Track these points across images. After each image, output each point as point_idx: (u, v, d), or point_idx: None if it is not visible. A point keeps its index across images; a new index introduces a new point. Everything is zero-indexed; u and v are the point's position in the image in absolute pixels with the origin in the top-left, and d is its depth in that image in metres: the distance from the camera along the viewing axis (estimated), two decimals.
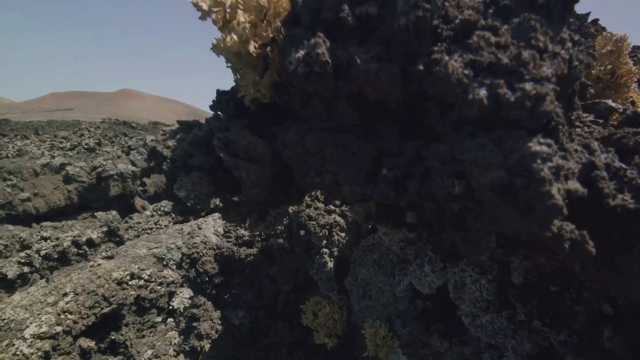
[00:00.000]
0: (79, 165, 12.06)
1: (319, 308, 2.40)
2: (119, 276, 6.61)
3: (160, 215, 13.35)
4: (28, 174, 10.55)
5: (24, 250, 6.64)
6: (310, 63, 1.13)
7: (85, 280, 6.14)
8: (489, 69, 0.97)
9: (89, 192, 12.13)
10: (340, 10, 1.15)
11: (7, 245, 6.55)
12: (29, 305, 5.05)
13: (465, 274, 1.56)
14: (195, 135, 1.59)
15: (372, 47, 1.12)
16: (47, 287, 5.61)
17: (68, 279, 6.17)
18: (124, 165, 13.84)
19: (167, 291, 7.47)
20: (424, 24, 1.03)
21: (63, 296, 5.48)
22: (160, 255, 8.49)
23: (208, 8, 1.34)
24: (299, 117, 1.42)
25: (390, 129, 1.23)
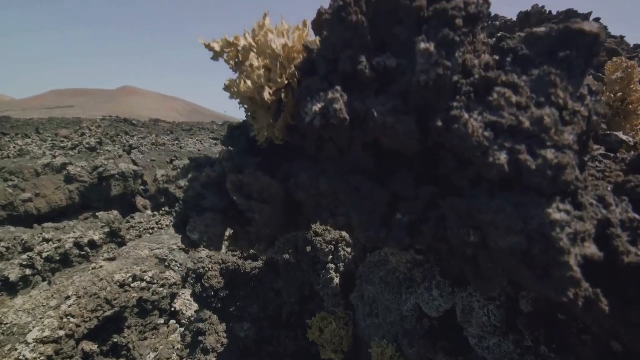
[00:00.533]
0: (81, 165, 12.02)
1: (325, 324, 2.38)
2: (121, 278, 6.59)
3: (162, 215, 13.31)
4: (29, 175, 10.52)
5: (26, 252, 6.62)
6: (328, 117, 1.10)
7: (87, 283, 6.12)
8: (510, 132, 0.95)
9: (90, 192, 12.10)
10: (358, 63, 1.11)
11: (9, 248, 6.53)
12: (31, 309, 5.04)
13: (473, 298, 1.54)
14: (207, 176, 1.56)
15: (389, 99, 1.09)
16: (50, 291, 5.60)
17: (70, 281, 6.15)
18: (126, 164, 13.80)
19: (169, 293, 7.46)
20: (444, 81, 1.00)
21: (65, 299, 5.46)
22: (162, 257, 8.48)
23: (220, 49, 1.31)
24: (312, 158, 1.39)
25: (404, 173, 1.21)
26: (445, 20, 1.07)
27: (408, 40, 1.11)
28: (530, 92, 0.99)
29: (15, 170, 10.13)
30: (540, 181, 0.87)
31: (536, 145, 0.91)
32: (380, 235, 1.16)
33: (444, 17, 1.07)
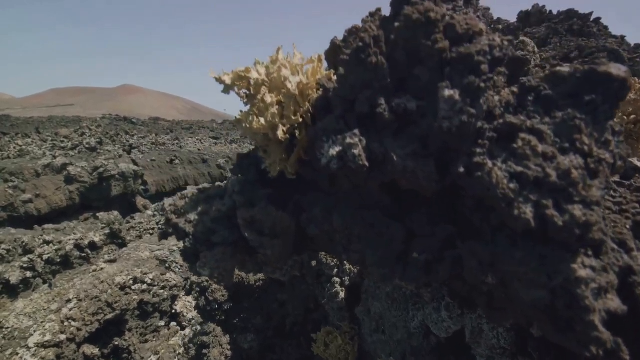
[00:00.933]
0: (81, 165, 11.99)
1: (330, 339, 2.37)
2: (122, 281, 6.58)
3: (162, 215, 13.28)
4: (30, 175, 10.48)
5: (27, 254, 6.60)
6: (345, 161, 1.06)
7: (88, 286, 6.10)
8: (536, 184, 0.91)
9: (90, 193, 12.07)
10: (377, 105, 1.08)
11: (10, 250, 6.50)
12: (32, 313, 5.02)
13: (482, 320, 1.52)
14: (218, 210, 1.53)
15: (409, 142, 1.06)
16: (51, 294, 5.58)
17: (71, 284, 6.14)
18: (126, 164, 13.77)
19: (169, 295, 7.45)
20: (468, 128, 0.97)
21: (66, 303, 5.44)
22: (163, 258, 8.46)
23: (231, 82, 1.29)
24: (325, 190, 1.35)
25: (421, 210, 1.18)
26: (471, 65, 1.03)
27: (430, 83, 1.08)
28: (554, 137, 0.96)
29: (16, 171, 10.10)
30: (567, 237, 0.84)
31: (563, 200, 0.88)
32: (396, 274, 1.13)
33: (469, 62, 1.04)
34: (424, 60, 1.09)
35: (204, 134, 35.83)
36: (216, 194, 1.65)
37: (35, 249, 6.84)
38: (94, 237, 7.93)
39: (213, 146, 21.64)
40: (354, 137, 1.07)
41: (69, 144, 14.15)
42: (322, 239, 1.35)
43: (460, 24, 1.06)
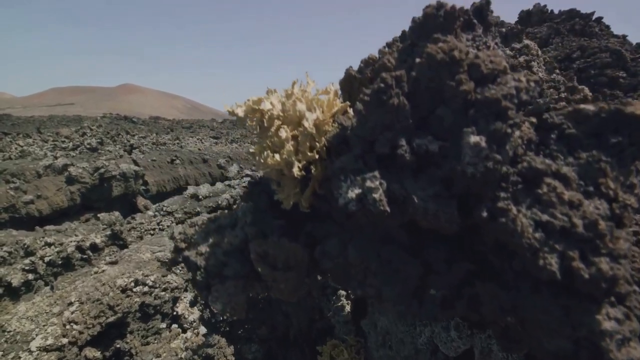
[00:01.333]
0: (82, 166, 11.97)
1: (336, 353, 2.35)
2: (124, 283, 6.56)
3: (163, 216, 13.29)
4: (31, 176, 10.47)
5: (28, 256, 6.59)
6: (365, 204, 1.04)
7: (89, 288, 6.09)
8: (562, 233, 0.88)
9: (91, 193, 12.07)
10: (398, 146, 1.05)
11: (11, 252, 6.49)
12: (34, 317, 5.01)
13: (492, 340, 1.49)
14: (229, 243, 1.51)
15: (430, 183, 1.03)
16: (52, 297, 5.57)
17: (73, 287, 6.13)
18: (127, 165, 13.76)
19: (171, 297, 7.43)
20: (493, 174, 0.94)
21: (68, 306, 5.43)
22: (164, 259, 8.45)
23: (244, 114, 1.28)
24: (340, 222, 1.33)
25: (438, 246, 1.15)
26: (497, 110, 1.00)
27: (453, 124, 1.05)
28: (579, 179, 0.93)
29: (17, 172, 10.08)
30: (593, 290, 0.82)
31: (590, 252, 0.85)
32: (412, 310, 1.11)
33: (496, 107, 1.01)
34: (447, 100, 1.07)
35: (204, 133, 35.80)
36: (227, 224, 1.62)
37: (37, 250, 6.83)
38: (95, 238, 7.92)
39: (213, 146, 21.62)
40: (375, 180, 1.04)
41: (70, 144, 14.13)
42: (336, 272, 1.33)
43: (485, 63, 1.03)
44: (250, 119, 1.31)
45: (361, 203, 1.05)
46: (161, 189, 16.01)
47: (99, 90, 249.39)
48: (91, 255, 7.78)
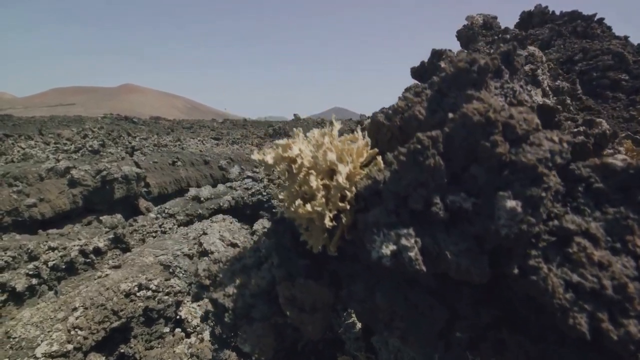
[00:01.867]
0: (84, 168, 11.99)
1: None
2: (127, 288, 6.58)
3: (165, 218, 13.31)
4: (33, 179, 10.49)
5: (32, 261, 6.60)
6: (399, 260, 1.05)
7: (93, 293, 6.11)
8: (592, 294, 0.90)
9: (93, 196, 12.08)
10: (432, 204, 1.07)
11: (15, 257, 6.51)
12: (39, 322, 5.02)
13: None
14: (257, 285, 1.52)
15: (462, 239, 1.05)
16: (57, 302, 5.58)
17: (77, 291, 6.14)
18: (128, 167, 13.76)
19: (174, 301, 7.45)
20: (527, 235, 0.96)
21: (72, 311, 5.45)
22: (167, 263, 8.47)
23: (273, 162, 1.29)
24: (365, 263, 1.34)
25: (465, 291, 1.16)
26: (533, 175, 1.02)
27: (486, 184, 1.06)
28: (606, 234, 0.94)
29: (19, 175, 10.10)
30: (621, 350, 0.83)
31: (619, 313, 0.87)
32: (437, 353, 1.12)
33: (532, 173, 1.02)
34: (480, 159, 1.08)
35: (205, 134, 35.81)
36: (252, 264, 1.63)
37: (41, 255, 6.85)
38: (98, 242, 7.94)
39: (215, 147, 21.64)
40: (410, 237, 1.06)
41: (72, 146, 14.15)
42: (363, 314, 1.34)
43: (519, 124, 1.05)
44: (278, 165, 1.32)
45: (396, 259, 1.06)
46: (163, 190, 16.02)
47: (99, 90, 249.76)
48: (94, 259, 7.80)
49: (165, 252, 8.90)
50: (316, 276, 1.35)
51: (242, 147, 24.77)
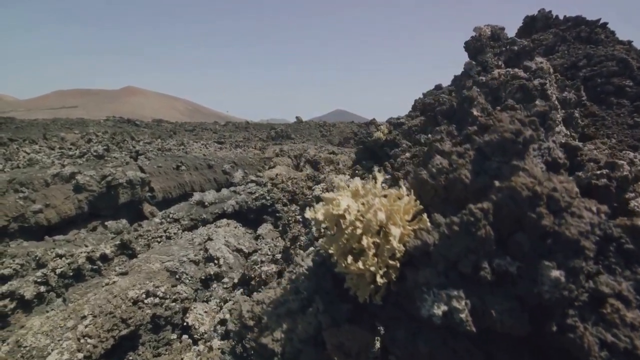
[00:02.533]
0: (89, 174, 12.04)
1: None
2: (135, 295, 6.60)
3: (169, 223, 13.33)
4: (39, 185, 10.54)
5: (40, 268, 6.63)
6: (449, 320, 1.09)
7: (102, 301, 6.13)
8: (625, 353, 0.93)
9: (99, 201, 12.12)
10: (480, 268, 1.11)
11: (23, 265, 6.54)
12: (49, 331, 5.05)
13: None
14: (304, 331, 1.55)
15: (506, 299, 1.09)
16: (66, 311, 5.61)
17: (85, 299, 6.16)
18: (133, 172, 13.82)
19: (181, 307, 7.46)
20: (567, 300, 0.99)
21: (82, 319, 5.47)
22: (173, 269, 8.48)
23: (324, 218, 1.34)
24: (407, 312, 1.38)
25: (505, 340, 1.20)
26: (575, 248, 1.06)
27: (531, 250, 1.10)
28: (636, 294, 0.98)
29: (25, 181, 10.15)
30: None
31: None
32: None
33: (574, 246, 1.06)
34: (526, 228, 1.12)
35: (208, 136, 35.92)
36: (297, 308, 1.66)
37: (48, 262, 6.88)
38: (105, 248, 7.97)
39: (218, 151, 21.71)
40: (460, 300, 1.10)
41: (76, 151, 14.21)
42: (403, 358, 1.37)
43: (562, 196, 1.09)
44: (328, 221, 1.35)
45: (446, 319, 1.10)
46: (167, 195, 16.06)
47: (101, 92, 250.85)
48: (101, 266, 7.83)
49: (171, 258, 8.91)
50: (358, 320, 1.39)
51: (245, 150, 24.83)
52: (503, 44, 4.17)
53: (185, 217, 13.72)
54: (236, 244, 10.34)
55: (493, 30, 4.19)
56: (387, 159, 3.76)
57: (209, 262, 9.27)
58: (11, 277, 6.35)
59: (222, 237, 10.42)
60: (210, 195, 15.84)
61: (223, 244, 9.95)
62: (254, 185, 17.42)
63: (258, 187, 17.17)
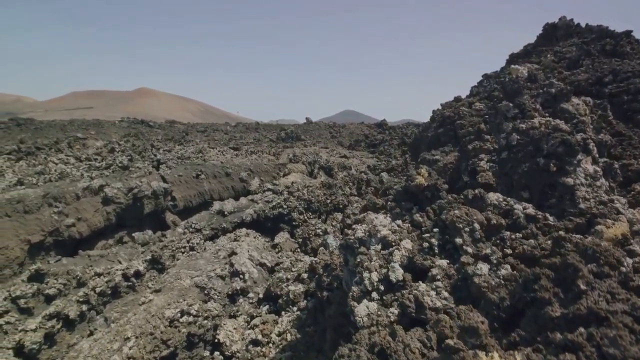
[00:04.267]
0: (117, 186, 12.40)
1: None
2: (171, 314, 6.85)
3: (192, 233, 13.68)
4: (71, 198, 10.92)
5: (80, 287, 6.94)
6: None
7: (142, 321, 6.39)
8: None
9: (125, 213, 12.48)
10: None
11: (65, 284, 6.85)
12: (98, 354, 5.31)
13: None
14: None
15: None
16: (110, 332, 5.87)
17: (126, 319, 6.43)
18: (157, 183, 14.17)
19: (212, 324, 7.69)
20: None
21: (125, 341, 5.73)
22: (202, 285, 8.72)
23: None
24: None
25: None
26: None
27: None
28: None
29: (58, 195, 10.53)
30: None
31: None
32: None
33: None
34: None
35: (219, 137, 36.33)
36: None
37: (88, 281, 7.18)
38: (138, 265, 8.25)
39: (234, 158, 22.09)
40: None
41: (102, 162, 14.63)
42: None
43: None
44: None
45: None
46: (188, 203, 16.41)
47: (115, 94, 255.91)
48: (135, 282, 8.11)
49: (199, 273, 9.16)
50: None
51: (260, 157, 25.15)
52: (540, 86, 4.22)
53: (207, 226, 14.03)
54: (259, 258, 10.55)
55: (530, 71, 4.24)
56: (428, 203, 3.87)
57: (235, 277, 9.49)
58: (55, 296, 6.66)
59: (245, 250, 10.65)
60: (230, 205, 16.15)
61: (247, 259, 10.17)
62: (270, 194, 17.68)
63: (275, 195, 17.42)
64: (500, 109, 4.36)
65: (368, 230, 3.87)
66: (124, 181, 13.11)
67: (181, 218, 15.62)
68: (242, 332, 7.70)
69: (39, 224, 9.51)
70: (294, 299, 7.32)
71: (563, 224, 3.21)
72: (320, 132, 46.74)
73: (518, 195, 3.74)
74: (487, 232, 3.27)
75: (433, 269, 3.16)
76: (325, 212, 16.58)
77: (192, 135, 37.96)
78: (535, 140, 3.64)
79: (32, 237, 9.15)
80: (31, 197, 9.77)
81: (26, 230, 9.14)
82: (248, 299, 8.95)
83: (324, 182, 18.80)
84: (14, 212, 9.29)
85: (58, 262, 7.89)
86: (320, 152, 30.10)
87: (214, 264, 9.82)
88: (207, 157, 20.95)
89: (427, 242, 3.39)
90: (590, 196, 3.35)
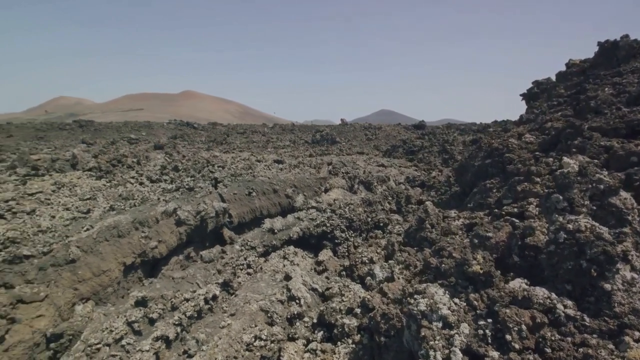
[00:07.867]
0: (187, 209, 13.95)
1: None
2: (247, 339, 8.00)
3: (247, 250, 14.97)
4: (152, 222, 12.51)
5: (174, 311, 8.24)
6: None
7: (226, 345, 7.58)
8: None
9: (194, 232, 14.01)
10: None
11: (163, 309, 8.17)
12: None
13: None
14: None
15: None
16: (205, 355, 7.08)
17: (213, 342, 7.64)
18: (218, 203, 15.65)
19: (278, 347, 8.78)
20: None
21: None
22: (266, 309, 9.85)
23: None
24: None
25: None
26: None
27: None
28: None
29: (143, 220, 12.13)
30: None
31: None
32: None
33: None
34: None
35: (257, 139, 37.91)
36: None
37: (179, 305, 8.49)
38: (215, 290, 9.50)
39: (279, 172, 23.37)
40: None
41: (172, 185, 16.31)
42: None
43: None
44: None
45: None
46: (242, 219, 17.85)
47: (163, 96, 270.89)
48: (212, 305, 9.37)
49: (262, 297, 10.32)
50: None
51: (302, 170, 26.20)
52: (589, 181, 4.73)
53: (260, 244, 15.29)
54: (311, 283, 11.55)
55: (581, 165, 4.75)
56: (482, 286, 4.56)
57: (292, 301, 10.55)
58: (157, 320, 8.02)
59: (299, 275, 11.70)
60: (279, 223, 17.36)
61: (301, 284, 11.21)
62: (314, 212, 18.70)
63: (318, 213, 18.42)
64: (551, 200, 4.95)
65: (429, 305, 4.63)
66: (192, 203, 14.67)
67: (236, 232, 17.08)
68: (301, 354, 8.69)
69: (130, 247, 11.11)
70: (349, 332, 8.20)
71: (597, 324, 3.81)
72: (355, 134, 46.76)
73: (562, 286, 4.35)
74: (531, 329, 3.95)
75: (487, 358, 3.88)
76: (366, 230, 17.28)
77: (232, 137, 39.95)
78: (580, 244, 4.22)
79: (126, 259, 10.74)
80: (123, 224, 11.40)
81: (122, 253, 10.75)
82: (304, 322, 9.94)
83: (364, 199, 19.48)
84: (112, 237, 10.94)
85: (151, 285, 9.31)
86: (357, 160, 30.53)
87: (273, 287, 10.93)
88: (256, 172, 22.39)
89: (482, 330, 4.12)
90: (625, 301, 3.91)
